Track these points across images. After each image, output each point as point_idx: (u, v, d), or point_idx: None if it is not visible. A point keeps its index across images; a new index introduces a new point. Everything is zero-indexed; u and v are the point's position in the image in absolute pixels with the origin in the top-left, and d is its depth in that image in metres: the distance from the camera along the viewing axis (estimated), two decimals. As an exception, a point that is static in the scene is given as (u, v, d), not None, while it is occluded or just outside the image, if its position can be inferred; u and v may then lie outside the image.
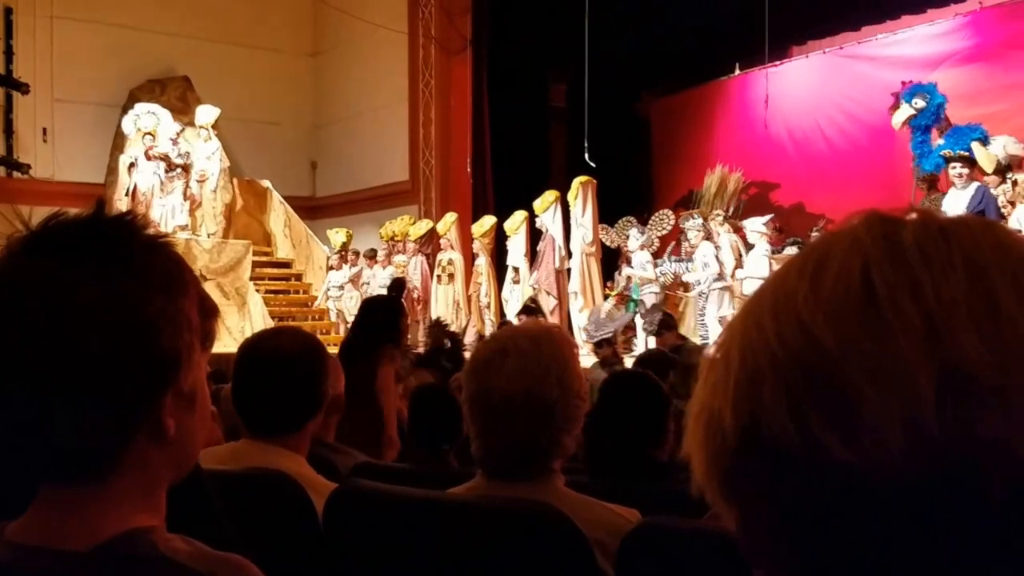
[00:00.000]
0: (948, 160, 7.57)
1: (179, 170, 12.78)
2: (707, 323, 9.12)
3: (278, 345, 1.92)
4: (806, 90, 11.77)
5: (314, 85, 16.15)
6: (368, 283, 12.82)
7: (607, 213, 11.42)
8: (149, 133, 12.82)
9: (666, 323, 7.05)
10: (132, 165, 12.86)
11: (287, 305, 13.74)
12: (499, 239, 11.96)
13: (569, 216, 10.96)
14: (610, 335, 7.52)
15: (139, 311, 0.75)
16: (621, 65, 12.71)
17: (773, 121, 11.98)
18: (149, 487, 0.80)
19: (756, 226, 9.13)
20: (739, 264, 9.30)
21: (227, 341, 12.48)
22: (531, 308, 9.04)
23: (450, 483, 1.68)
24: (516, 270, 11.48)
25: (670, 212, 10.97)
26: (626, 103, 13.55)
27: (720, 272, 9.22)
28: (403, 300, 9.12)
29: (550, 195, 11.05)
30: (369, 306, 4.38)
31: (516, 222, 11.44)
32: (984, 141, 7.59)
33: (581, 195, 10.78)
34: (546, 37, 12.44)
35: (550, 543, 1.39)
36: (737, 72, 12.38)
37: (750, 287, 9.04)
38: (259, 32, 15.37)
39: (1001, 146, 7.77)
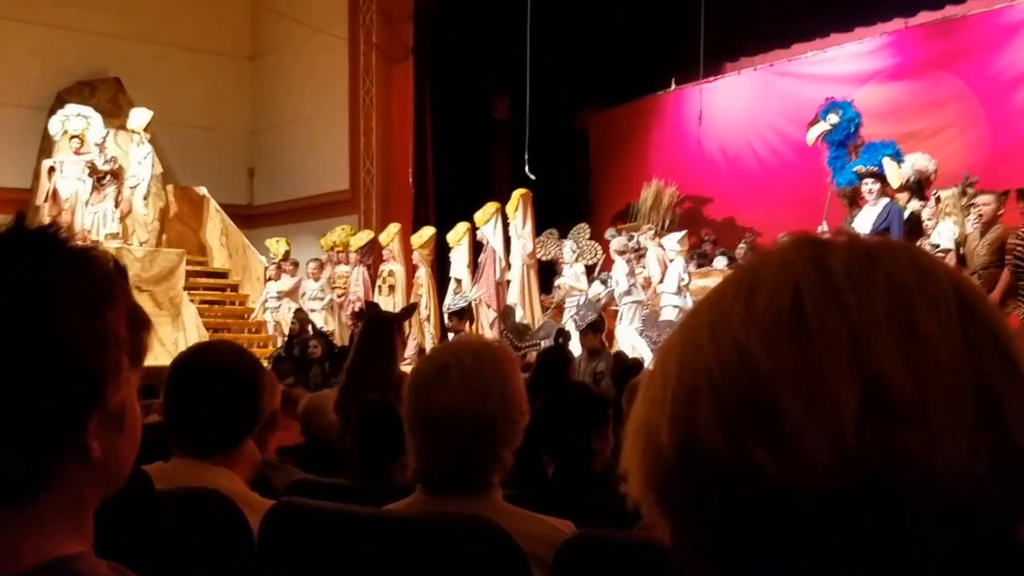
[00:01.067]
0: (860, 176, 7.83)
1: (109, 176, 12.42)
2: (617, 336, 9.21)
3: (214, 360, 1.89)
4: (738, 106, 12.10)
5: (252, 89, 15.93)
6: (305, 293, 12.72)
7: (548, 226, 11.54)
8: (77, 136, 12.45)
9: (595, 325, 7.05)
10: (52, 169, 12.47)
11: (223, 316, 13.52)
12: (441, 250, 11.98)
13: (509, 228, 11.06)
14: (537, 344, 7.58)
15: (59, 330, 0.73)
16: (562, 78, 12.85)
17: (707, 136, 12.27)
18: (75, 510, 0.77)
19: (671, 244, 9.33)
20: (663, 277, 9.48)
21: (159, 353, 12.13)
22: (461, 311, 9.06)
23: (390, 499, 1.69)
24: (459, 282, 11.52)
25: (586, 225, 11.16)
26: (567, 116, 13.71)
27: (629, 288, 9.36)
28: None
29: (491, 207, 11.14)
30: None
31: (458, 234, 11.50)
32: (896, 157, 7.83)
33: (521, 207, 10.92)
34: (489, 49, 12.54)
35: (488, 557, 1.41)
36: (673, 87, 12.63)
37: (665, 301, 9.18)
38: (195, 33, 15.12)
39: (910, 164, 8.07)
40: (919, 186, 8.05)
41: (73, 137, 12.39)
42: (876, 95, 10.59)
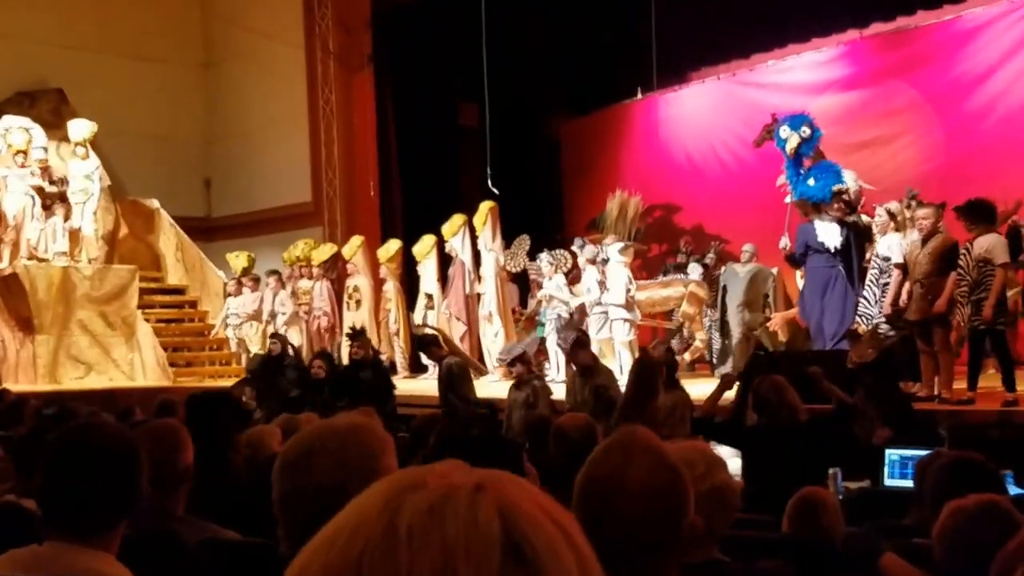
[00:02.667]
0: (835, 194, 9.11)
1: (55, 190, 12.86)
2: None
3: (92, 440, 2.01)
4: (702, 115, 13.52)
5: (206, 98, 16.74)
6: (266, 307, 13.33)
7: (518, 233, 12.46)
8: (21, 151, 12.89)
9: (580, 342, 7.66)
10: None
11: (180, 335, 14.32)
12: (408, 263, 12.87)
13: (478, 241, 11.97)
14: (520, 352, 8.28)
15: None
16: (529, 86, 13.98)
17: (673, 145, 13.57)
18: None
19: (614, 253, 10.42)
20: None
21: (115, 375, 12.91)
22: (428, 341, 9.65)
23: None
24: (429, 296, 12.48)
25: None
26: (534, 124, 14.81)
27: (600, 297, 10.51)
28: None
29: (458, 219, 12.10)
30: None
31: (426, 247, 12.43)
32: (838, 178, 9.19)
33: (490, 220, 11.89)
34: (452, 54, 13.47)
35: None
36: (639, 96, 13.93)
37: (614, 314, 10.30)
38: (142, 41, 15.85)
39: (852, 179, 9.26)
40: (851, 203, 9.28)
41: (18, 152, 12.92)
42: (833, 104, 11.98)
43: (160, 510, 2.62)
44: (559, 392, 8.22)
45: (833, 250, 8.84)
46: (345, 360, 12.05)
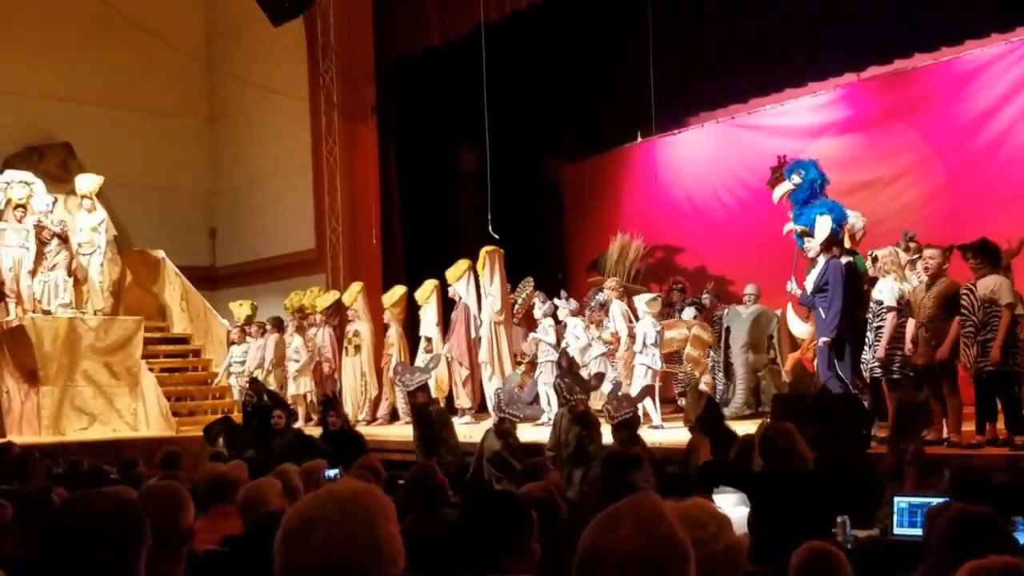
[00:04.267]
0: (800, 235, 8.89)
1: (57, 242, 12.81)
2: None
3: (85, 517, 1.98)
4: (702, 157, 13.42)
5: (211, 150, 16.80)
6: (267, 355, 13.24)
7: (521, 275, 12.34)
8: (21, 205, 12.89)
9: (630, 423, 7.51)
10: None
11: (184, 384, 14.17)
12: (411, 308, 12.77)
13: (480, 285, 11.88)
14: (518, 416, 8.31)
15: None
16: (529, 131, 14.03)
17: (674, 187, 13.47)
18: None
19: (641, 305, 10.25)
20: (631, 331, 10.38)
21: (118, 425, 12.77)
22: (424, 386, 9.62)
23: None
24: (429, 340, 12.33)
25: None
26: (536, 169, 14.83)
27: (589, 343, 10.45)
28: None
29: (463, 263, 12.00)
30: None
31: (427, 291, 12.33)
32: (829, 212, 8.74)
33: (488, 265, 11.76)
34: (452, 102, 13.54)
35: None
36: (639, 140, 13.85)
37: (640, 359, 10.11)
38: (148, 96, 15.98)
39: (855, 219, 9.15)
40: (849, 240, 9.08)
41: (18, 206, 12.90)
42: (833, 146, 11.83)
43: (161, 572, 2.56)
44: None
45: (811, 292, 8.56)
46: (348, 407, 12.13)
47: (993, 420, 7.12)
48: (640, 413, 8.38)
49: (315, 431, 10.53)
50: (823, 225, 8.56)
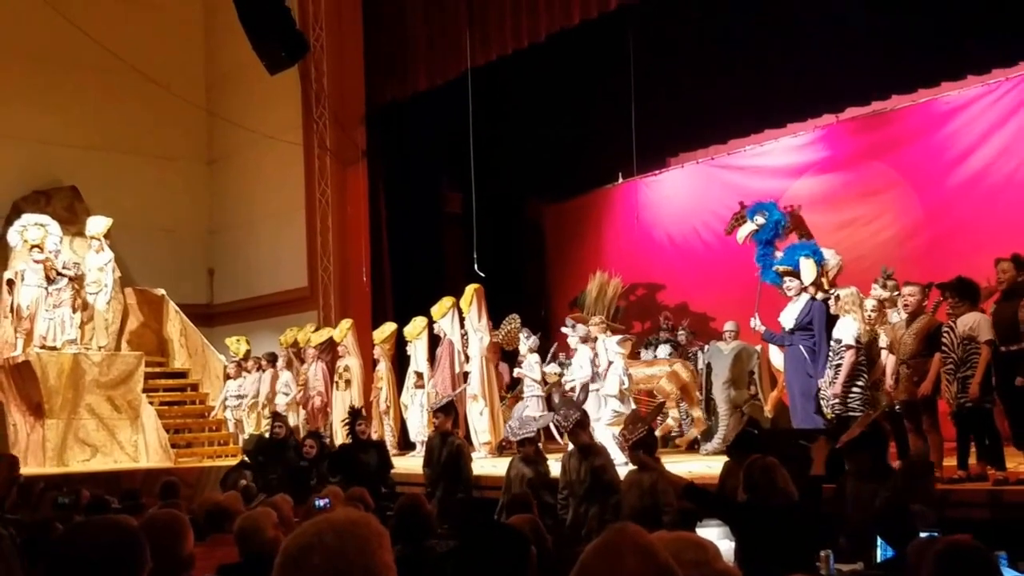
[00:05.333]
0: (781, 275, 8.33)
1: (67, 281, 12.57)
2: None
3: (89, 543, 1.95)
4: (682, 197, 12.77)
5: (210, 192, 16.49)
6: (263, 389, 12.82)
7: (505, 313, 11.80)
8: (37, 245, 12.62)
9: (582, 422, 7.04)
10: (11, 282, 12.67)
11: (182, 416, 13.72)
12: (399, 345, 12.29)
13: (465, 321, 11.36)
14: (532, 434, 7.62)
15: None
16: (512, 172, 13.51)
17: (655, 226, 12.84)
18: None
19: (612, 345, 9.57)
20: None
21: (119, 456, 12.28)
22: (447, 407, 9.04)
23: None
24: (419, 375, 11.80)
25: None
26: (519, 209, 14.39)
27: (593, 376, 9.68)
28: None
29: (447, 301, 11.51)
30: None
31: (417, 328, 11.82)
32: (812, 256, 8.37)
33: (475, 302, 11.26)
34: (439, 147, 13.15)
35: None
36: (620, 180, 13.27)
37: (608, 402, 9.42)
38: (150, 140, 15.70)
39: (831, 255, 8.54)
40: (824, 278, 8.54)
41: (34, 247, 12.63)
42: (813, 185, 11.16)
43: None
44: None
45: (789, 329, 8.14)
46: (340, 438, 11.64)
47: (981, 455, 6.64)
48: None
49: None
50: (808, 268, 8.27)
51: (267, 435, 10.58)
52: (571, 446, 7.19)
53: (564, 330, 10.59)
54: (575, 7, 10.87)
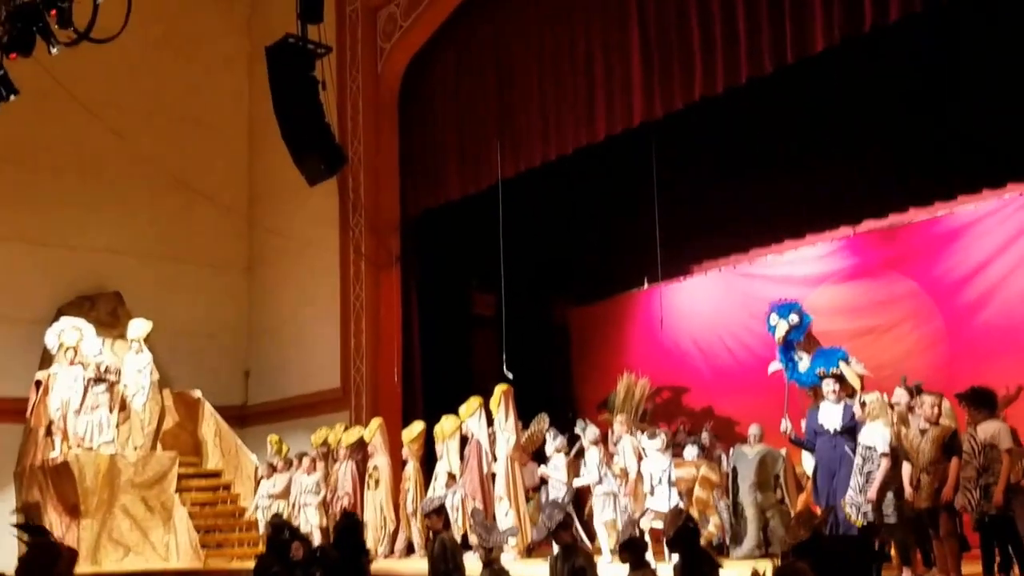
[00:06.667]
0: (822, 378, 8.48)
1: (105, 384, 12.90)
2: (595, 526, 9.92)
3: None
4: (706, 304, 13.20)
5: (248, 297, 17.02)
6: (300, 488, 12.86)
7: (532, 415, 11.94)
8: (72, 348, 13.05)
9: (564, 524, 7.14)
10: (39, 383, 13.08)
11: (214, 517, 13.92)
12: (427, 444, 12.44)
13: (493, 422, 11.54)
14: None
15: None
16: (541, 277, 14.15)
17: (679, 331, 13.23)
18: None
19: (650, 445, 9.77)
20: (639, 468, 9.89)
21: (151, 557, 12.42)
22: (439, 509, 9.08)
23: None
24: (451, 476, 11.86)
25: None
26: (548, 312, 14.85)
27: (600, 478, 9.94)
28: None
29: (474, 401, 11.70)
30: None
31: (451, 427, 11.95)
32: (847, 360, 8.63)
33: (503, 403, 11.42)
34: (470, 252, 13.75)
35: None
36: (645, 286, 13.75)
37: (648, 503, 9.61)
38: (192, 248, 16.36)
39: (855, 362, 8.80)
40: None
41: (68, 348, 13.09)
42: (832, 295, 11.50)
43: None
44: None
45: (833, 432, 8.15)
46: (370, 541, 11.70)
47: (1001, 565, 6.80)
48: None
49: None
50: (851, 372, 8.48)
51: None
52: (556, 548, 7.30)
53: (577, 431, 10.81)
54: (600, 123, 11.50)
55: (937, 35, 9.98)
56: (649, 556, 9.10)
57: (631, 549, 6.53)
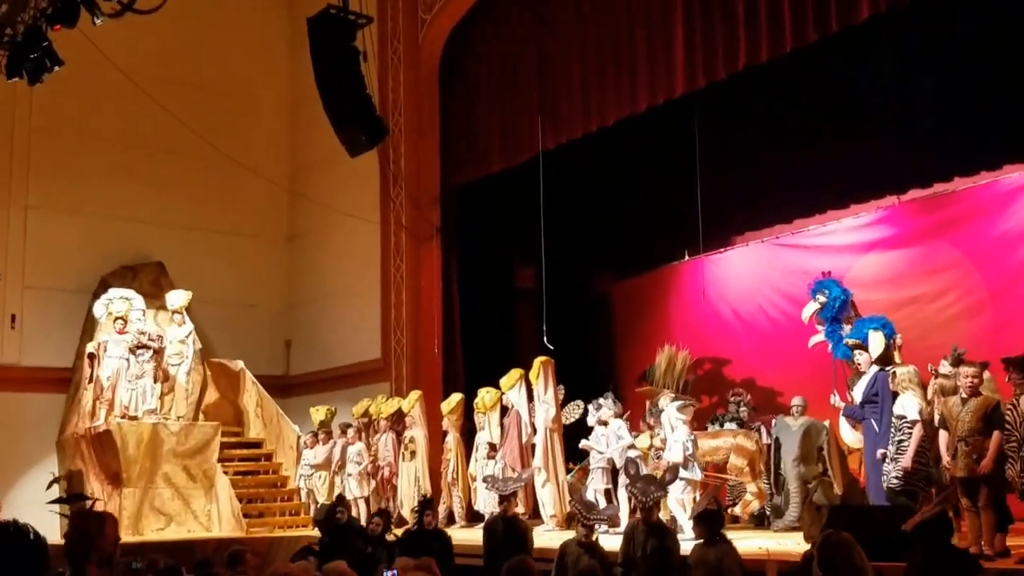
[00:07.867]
0: (852, 348, 8.69)
1: (150, 353, 13.22)
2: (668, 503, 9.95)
3: None
4: (748, 275, 13.26)
5: (289, 268, 17.30)
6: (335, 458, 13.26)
7: (572, 386, 12.24)
8: (121, 317, 13.40)
9: (660, 503, 7.28)
10: (92, 355, 13.38)
11: (256, 486, 14.17)
12: (468, 415, 12.69)
13: (533, 393, 11.76)
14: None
15: None
16: (582, 249, 14.23)
17: (721, 302, 13.34)
18: None
19: (673, 411, 9.94)
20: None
21: (193, 526, 12.81)
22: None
23: None
24: (492, 446, 12.13)
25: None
26: (588, 285, 14.99)
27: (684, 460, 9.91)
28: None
29: (515, 373, 11.96)
30: None
31: (492, 399, 12.22)
32: (881, 329, 8.72)
33: (543, 374, 11.65)
34: (511, 224, 13.95)
35: None
36: (687, 258, 13.87)
37: (683, 473, 9.72)
38: (234, 219, 16.66)
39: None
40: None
41: (117, 318, 13.45)
42: (876, 264, 11.56)
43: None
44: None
45: (859, 401, 8.45)
46: (405, 510, 11.98)
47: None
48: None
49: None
50: (877, 340, 8.56)
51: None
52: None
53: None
54: (641, 94, 11.61)
55: (981, 3, 10.01)
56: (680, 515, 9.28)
57: (704, 522, 6.57)
